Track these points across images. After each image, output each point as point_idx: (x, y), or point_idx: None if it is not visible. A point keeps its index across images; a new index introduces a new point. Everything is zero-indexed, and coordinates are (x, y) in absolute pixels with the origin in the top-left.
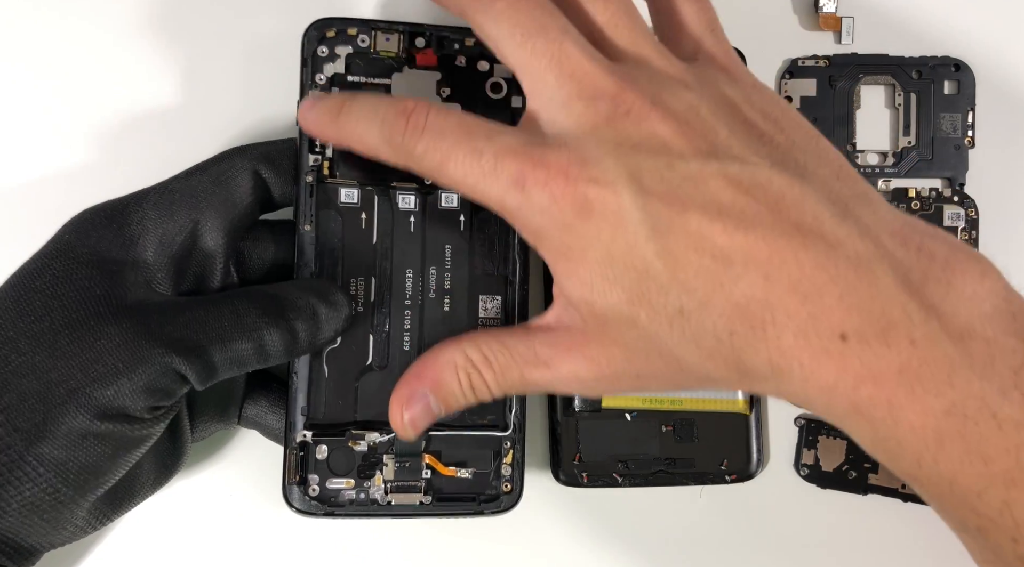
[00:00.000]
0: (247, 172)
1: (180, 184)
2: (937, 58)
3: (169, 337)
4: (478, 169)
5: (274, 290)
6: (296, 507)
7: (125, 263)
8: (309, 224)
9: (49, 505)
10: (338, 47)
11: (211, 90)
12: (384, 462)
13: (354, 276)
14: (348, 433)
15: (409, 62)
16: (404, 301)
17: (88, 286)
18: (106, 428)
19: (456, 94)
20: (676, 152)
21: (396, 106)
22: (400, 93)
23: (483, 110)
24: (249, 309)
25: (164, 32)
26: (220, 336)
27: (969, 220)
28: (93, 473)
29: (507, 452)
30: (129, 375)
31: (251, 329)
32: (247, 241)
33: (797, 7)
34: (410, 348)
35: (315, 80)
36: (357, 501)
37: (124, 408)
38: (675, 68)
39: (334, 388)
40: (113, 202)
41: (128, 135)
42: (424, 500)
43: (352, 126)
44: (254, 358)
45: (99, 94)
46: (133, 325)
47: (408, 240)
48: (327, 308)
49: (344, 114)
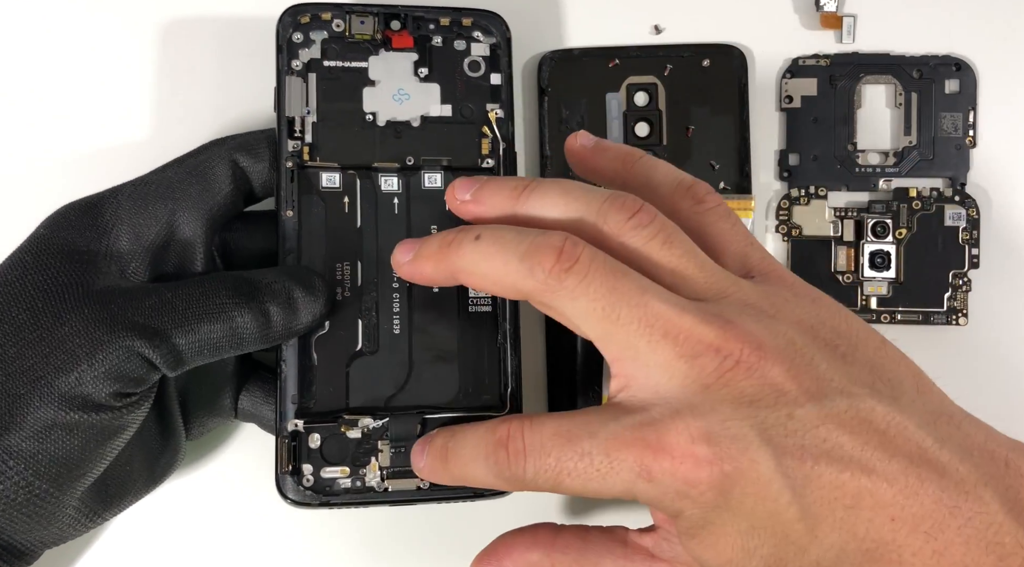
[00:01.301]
0: (224, 162)
1: (156, 176)
2: (938, 57)
3: (131, 321)
4: (594, 473)
5: (248, 273)
6: (291, 498)
7: (97, 253)
8: (291, 210)
9: (25, 500)
10: (313, 32)
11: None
12: (379, 448)
13: (340, 261)
14: (341, 420)
15: (385, 44)
16: (392, 284)
17: (55, 275)
18: (73, 417)
19: (434, 74)
20: (791, 398)
21: (493, 434)
22: (377, 76)
23: (463, 89)
24: (219, 290)
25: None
26: (186, 318)
27: (970, 220)
28: (66, 465)
29: None
30: (89, 361)
31: (220, 310)
32: (233, 232)
33: (798, 6)
34: (400, 332)
35: (291, 66)
36: (353, 489)
37: (88, 395)
38: (752, 295)
39: (324, 375)
40: (89, 197)
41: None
42: (422, 485)
43: (461, 468)
44: (226, 343)
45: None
46: (95, 310)
47: (393, 222)
48: (304, 292)
49: (452, 458)
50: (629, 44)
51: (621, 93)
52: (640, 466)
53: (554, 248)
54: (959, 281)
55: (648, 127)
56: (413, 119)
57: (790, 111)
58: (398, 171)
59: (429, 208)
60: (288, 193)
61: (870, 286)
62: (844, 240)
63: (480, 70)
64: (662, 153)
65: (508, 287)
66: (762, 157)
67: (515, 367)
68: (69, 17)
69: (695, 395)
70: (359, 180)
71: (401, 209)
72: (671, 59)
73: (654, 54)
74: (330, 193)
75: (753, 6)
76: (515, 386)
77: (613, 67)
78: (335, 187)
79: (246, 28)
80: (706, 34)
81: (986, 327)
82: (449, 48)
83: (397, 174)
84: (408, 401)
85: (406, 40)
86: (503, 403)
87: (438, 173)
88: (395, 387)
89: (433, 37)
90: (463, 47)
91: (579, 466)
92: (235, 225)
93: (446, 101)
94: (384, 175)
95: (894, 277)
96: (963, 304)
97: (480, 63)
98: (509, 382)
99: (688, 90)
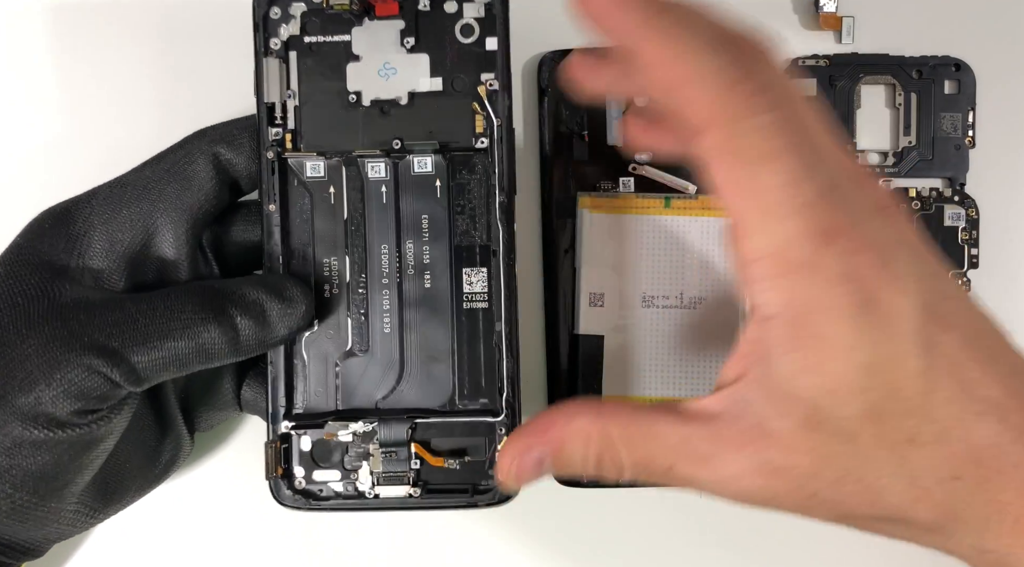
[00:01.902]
0: (205, 157)
1: (133, 176)
2: (937, 58)
3: (91, 339)
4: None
5: (220, 284)
6: (281, 501)
7: (68, 263)
8: (273, 203)
9: (10, 510)
10: (291, 7)
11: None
12: (370, 452)
13: (326, 256)
14: (331, 423)
15: (368, 13)
16: (381, 279)
17: (22, 289)
18: (39, 435)
19: (423, 43)
20: (937, 260)
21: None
22: (361, 50)
23: (455, 56)
24: (184, 305)
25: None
26: (148, 335)
27: (969, 220)
28: (43, 479)
29: (501, 439)
30: (47, 381)
31: (185, 326)
32: (224, 226)
33: (797, 7)
34: (391, 330)
35: (269, 46)
36: (344, 494)
37: (50, 414)
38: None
39: (314, 376)
40: (66, 201)
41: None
42: (413, 492)
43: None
44: (194, 358)
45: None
46: (55, 328)
47: (381, 212)
48: (280, 304)
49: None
50: None
51: None
52: (832, 227)
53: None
54: (958, 281)
55: None
56: (400, 96)
57: None
58: (386, 156)
59: (420, 195)
60: (270, 186)
61: None
62: None
63: (474, 34)
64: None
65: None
66: None
67: (512, 369)
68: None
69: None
70: (344, 167)
71: (390, 198)
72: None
73: None
74: (315, 183)
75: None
76: (511, 391)
77: None
78: (320, 176)
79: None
80: None
81: None
82: (439, 11)
83: (385, 160)
84: (399, 404)
85: (390, 7)
86: (499, 409)
87: (428, 157)
88: (387, 389)
89: (420, 0)
90: (454, 9)
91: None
92: (227, 219)
93: (436, 73)
94: (371, 161)
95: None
96: None
97: (473, 27)
98: (505, 386)
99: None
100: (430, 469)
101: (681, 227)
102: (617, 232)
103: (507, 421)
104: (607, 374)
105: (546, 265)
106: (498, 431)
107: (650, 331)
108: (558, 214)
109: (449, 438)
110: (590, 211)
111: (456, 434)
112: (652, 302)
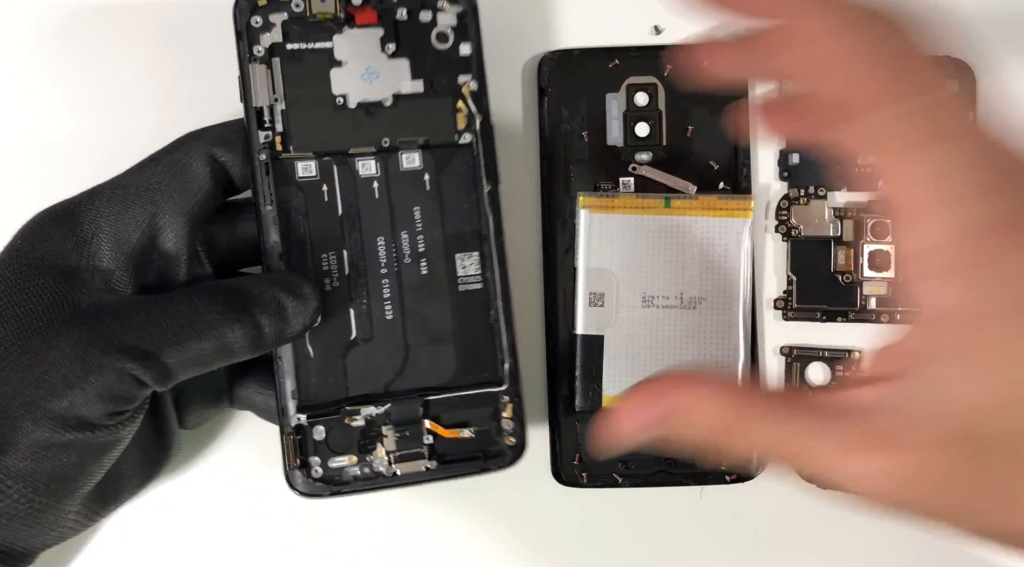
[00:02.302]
0: (202, 158)
1: (133, 177)
2: (937, 58)
3: (122, 342)
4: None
5: (238, 284)
6: (300, 490)
7: (79, 265)
8: (270, 204)
9: (27, 513)
10: (272, 15)
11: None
12: (384, 434)
13: (325, 251)
14: (343, 410)
15: (348, 21)
16: (380, 270)
17: (39, 293)
18: (69, 437)
19: (402, 50)
20: None
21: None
22: (343, 56)
23: (432, 63)
24: (209, 306)
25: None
26: (177, 337)
27: None
28: (65, 480)
29: (505, 406)
30: (82, 385)
31: (211, 327)
32: (216, 225)
33: None
34: (393, 317)
35: (253, 53)
36: (362, 476)
37: (83, 417)
38: None
39: (322, 367)
40: (65, 203)
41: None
42: (429, 465)
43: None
44: (217, 356)
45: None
46: (85, 332)
47: (375, 207)
48: (295, 301)
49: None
50: (629, 44)
51: (621, 93)
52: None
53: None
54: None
55: (648, 127)
56: (385, 98)
57: None
58: (375, 154)
59: (410, 189)
60: (264, 187)
61: (870, 286)
62: (844, 240)
63: (449, 41)
64: (662, 153)
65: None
66: (762, 157)
67: (510, 342)
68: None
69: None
70: (336, 166)
71: (382, 193)
72: (671, 59)
73: (654, 54)
74: (308, 182)
75: None
76: (512, 362)
77: (613, 67)
78: (312, 176)
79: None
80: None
81: None
82: (415, 21)
83: (374, 157)
84: (408, 385)
85: (370, 16)
86: (501, 379)
87: (415, 153)
88: (393, 372)
89: (397, 10)
90: (429, 18)
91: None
92: (216, 218)
93: (416, 76)
94: (361, 159)
95: (894, 277)
96: None
97: (448, 34)
98: (506, 358)
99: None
100: (443, 442)
101: (681, 227)
102: (617, 232)
103: (510, 389)
104: (607, 374)
105: (546, 265)
106: (501, 399)
107: (650, 331)
108: (558, 214)
109: (457, 411)
110: (590, 211)
111: (463, 407)
112: (652, 302)
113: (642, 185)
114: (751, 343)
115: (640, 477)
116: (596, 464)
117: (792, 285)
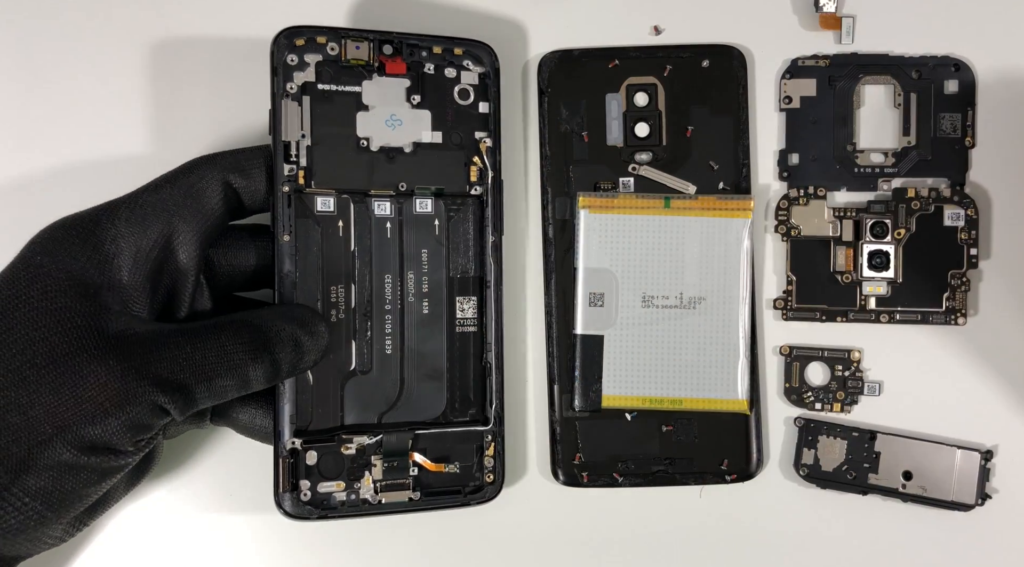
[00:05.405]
0: (217, 182)
1: (151, 197)
2: (937, 58)
3: (156, 375)
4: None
5: (259, 321)
6: (288, 512)
7: (101, 286)
8: (288, 234)
9: (34, 528)
10: (308, 55)
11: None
12: (372, 463)
13: (334, 284)
14: (337, 437)
15: (379, 70)
16: (384, 306)
17: (69, 316)
18: (91, 461)
19: (425, 101)
20: None
21: None
22: (371, 101)
23: (452, 117)
24: (236, 345)
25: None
26: (206, 374)
27: (969, 220)
28: (76, 498)
29: (489, 445)
30: (117, 414)
31: (237, 365)
32: (217, 248)
33: (797, 7)
34: (392, 352)
35: (286, 89)
36: (348, 502)
37: (110, 443)
38: None
39: (319, 395)
40: (81, 216)
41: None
42: (413, 496)
43: None
44: (236, 389)
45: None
46: (120, 362)
47: (385, 246)
48: (309, 338)
49: None
50: (629, 45)
51: (621, 93)
52: None
53: None
54: (958, 281)
55: (648, 128)
56: (406, 145)
57: (789, 111)
58: (391, 197)
59: (421, 232)
60: (284, 218)
61: (869, 286)
62: (843, 240)
63: (469, 98)
64: (662, 153)
65: None
66: (762, 157)
67: (499, 385)
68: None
69: None
70: (353, 204)
71: (394, 233)
72: (671, 60)
73: (654, 55)
74: (325, 217)
75: (752, 7)
76: (499, 405)
77: (613, 67)
78: (330, 211)
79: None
80: (705, 35)
81: (985, 327)
82: (440, 76)
83: (390, 200)
84: (400, 418)
85: (399, 66)
86: (487, 419)
87: (429, 199)
88: (387, 404)
89: (426, 64)
90: (453, 75)
91: None
92: (220, 241)
93: (436, 128)
94: (378, 200)
95: (893, 277)
96: (962, 304)
97: (469, 91)
98: (493, 400)
99: (688, 90)
100: (427, 474)
101: (681, 227)
102: (617, 232)
103: (495, 429)
104: (607, 374)
105: (546, 265)
106: (486, 438)
107: (650, 331)
108: (558, 214)
109: (443, 446)
110: (590, 211)
111: (449, 442)
112: (652, 302)
113: (642, 185)
114: (751, 343)
115: (640, 477)
116: (596, 464)
117: (792, 285)
